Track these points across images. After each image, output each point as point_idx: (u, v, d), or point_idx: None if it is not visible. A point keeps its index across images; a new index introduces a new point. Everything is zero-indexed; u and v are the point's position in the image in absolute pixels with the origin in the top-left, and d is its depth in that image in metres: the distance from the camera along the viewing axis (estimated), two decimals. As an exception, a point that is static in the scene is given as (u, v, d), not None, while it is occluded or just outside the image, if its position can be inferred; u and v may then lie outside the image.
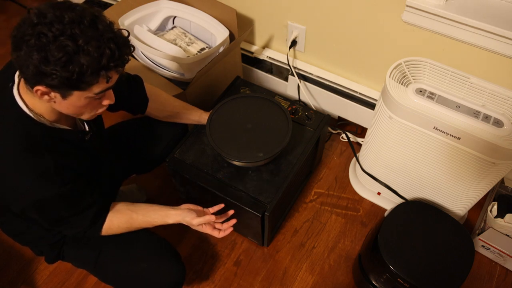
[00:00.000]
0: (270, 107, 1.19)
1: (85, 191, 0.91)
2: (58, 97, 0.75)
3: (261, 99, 1.22)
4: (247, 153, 1.10)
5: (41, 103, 0.80)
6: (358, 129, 1.68)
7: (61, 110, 0.81)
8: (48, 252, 1.09)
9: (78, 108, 0.80)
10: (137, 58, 1.45)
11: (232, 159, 1.11)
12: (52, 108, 0.81)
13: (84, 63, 0.69)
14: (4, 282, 1.32)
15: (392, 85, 1.08)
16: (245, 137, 1.13)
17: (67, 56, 0.67)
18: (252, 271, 1.34)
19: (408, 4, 1.10)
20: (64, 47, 0.67)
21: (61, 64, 0.68)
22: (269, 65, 1.65)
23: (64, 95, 0.75)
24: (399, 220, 1.12)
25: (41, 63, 0.67)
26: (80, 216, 0.92)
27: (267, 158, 1.11)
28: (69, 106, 0.78)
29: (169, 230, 1.43)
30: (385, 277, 1.07)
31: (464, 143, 1.02)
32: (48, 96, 0.75)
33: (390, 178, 1.32)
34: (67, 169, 0.85)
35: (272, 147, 1.11)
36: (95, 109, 0.84)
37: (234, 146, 1.11)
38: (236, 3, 1.50)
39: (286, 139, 1.12)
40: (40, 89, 0.72)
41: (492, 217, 1.21)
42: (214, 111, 1.18)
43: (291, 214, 1.46)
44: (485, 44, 1.06)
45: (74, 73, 0.69)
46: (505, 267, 1.31)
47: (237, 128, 1.15)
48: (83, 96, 0.76)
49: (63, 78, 0.69)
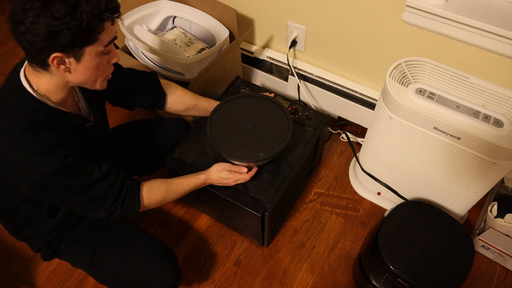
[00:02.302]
0: (270, 107, 1.19)
1: (92, 164, 0.90)
2: (73, 62, 0.78)
3: (261, 98, 1.22)
4: (248, 152, 1.10)
5: (49, 82, 0.82)
6: (358, 129, 1.68)
7: (76, 80, 0.83)
8: (45, 249, 1.09)
9: (93, 71, 0.83)
10: (137, 58, 1.45)
11: (233, 158, 1.11)
12: (61, 87, 0.84)
13: (87, 9, 0.72)
14: (4, 282, 1.32)
15: (392, 85, 1.08)
16: (246, 137, 1.13)
17: (71, 7, 0.71)
18: (252, 271, 1.34)
19: (408, 4, 1.10)
20: (65, 0, 0.70)
21: (69, 15, 0.71)
22: (269, 65, 1.65)
23: (77, 57, 0.78)
24: (399, 220, 1.12)
25: (51, 21, 0.70)
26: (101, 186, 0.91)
27: (268, 158, 1.11)
28: (85, 70, 0.81)
29: (169, 230, 1.44)
30: (385, 277, 1.07)
31: (464, 143, 1.02)
32: (63, 64, 0.78)
33: (390, 178, 1.32)
34: (69, 145, 0.86)
35: (273, 147, 1.11)
36: (106, 71, 0.87)
37: (234, 146, 1.11)
38: (236, 3, 1.50)
39: (286, 138, 1.12)
40: (56, 55, 0.74)
41: (492, 217, 1.21)
42: (214, 110, 1.18)
43: (291, 214, 1.46)
44: (485, 44, 1.06)
45: (83, 21, 0.72)
46: (505, 267, 1.31)
47: (238, 127, 1.15)
48: (94, 52, 0.79)
49: (75, 29, 0.72)
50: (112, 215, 0.95)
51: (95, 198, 0.91)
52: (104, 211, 0.94)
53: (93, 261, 1.07)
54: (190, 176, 1.11)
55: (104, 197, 0.92)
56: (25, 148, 0.80)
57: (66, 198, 0.88)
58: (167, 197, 1.05)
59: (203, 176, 1.11)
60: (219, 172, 1.11)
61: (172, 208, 1.49)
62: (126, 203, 0.96)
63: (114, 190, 0.93)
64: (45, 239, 1.07)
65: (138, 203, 0.99)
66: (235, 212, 1.21)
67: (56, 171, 0.82)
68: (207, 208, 1.42)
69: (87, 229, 1.10)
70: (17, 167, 0.81)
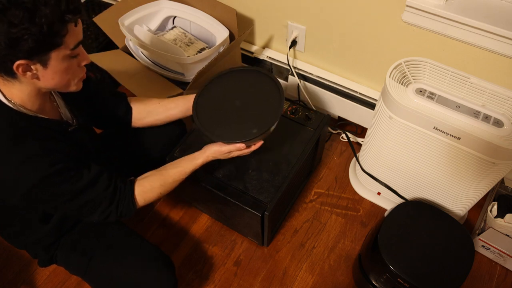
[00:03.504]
0: (258, 79, 1.10)
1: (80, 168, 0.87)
2: (39, 69, 0.75)
3: (245, 72, 1.13)
4: (241, 131, 1.03)
5: (21, 91, 0.79)
6: (358, 129, 1.68)
7: (47, 86, 0.80)
8: (42, 254, 1.08)
9: (62, 75, 0.79)
10: (137, 58, 1.45)
11: (225, 140, 1.04)
12: (33, 94, 0.81)
13: (47, 12, 0.68)
14: (4, 282, 1.32)
15: (392, 85, 1.08)
16: (236, 115, 1.05)
17: (28, 11, 0.66)
18: (252, 271, 1.34)
19: (408, 4, 1.10)
20: (21, 4, 0.66)
21: (27, 20, 0.66)
22: (269, 65, 1.65)
23: (43, 63, 0.74)
24: (399, 220, 1.12)
25: (9, 28, 0.66)
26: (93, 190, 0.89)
27: (262, 134, 1.02)
28: (53, 75, 0.77)
29: (169, 231, 1.44)
30: (385, 277, 1.07)
31: (464, 143, 1.02)
32: (30, 71, 0.74)
33: (390, 178, 1.32)
34: (54, 152, 0.83)
35: (266, 121, 1.02)
36: (77, 74, 0.84)
37: (225, 127, 1.04)
38: (236, 3, 1.50)
39: (279, 110, 1.03)
40: (20, 63, 0.71)
41: (492, 217, 1.21)
42: (198, 94, 1.10)
43: (291, 214, 1.46)
44: (485, 44, 1.06)
45: (43, 25, 0.68)
46: (505, 267, 1.31)
47: (225, 107, 1.07)
48: (61, 55, 0.75)
49: (36, 34, 0.68)
50: (108, 218, 0.94)
51: (88, 202, 0.90)
52: (99, 215, 0.93)
53: (89, 269, 1.05)
54: (184, 161, 1.05)
55: (98, 200, 0.91)
56: (10, 161, 0.78)
57: (59, 204, 0.87)
58: (164, 191, 1.02)
59: (199, 160, 1.05)
60: (217, 147, 1.05)
61: (172, 208, 1.49)
62: (121, 206, 0.95)
63: (108, 194, 0.92)
64: (42, 245, 1.06)
65: (134, 205, 0.97)
66: (235, 211, 1.21)
67: (44, 180, 0.80)
68: (207, 208, 1.42)
69: (82, 235, 1.09)
70: (4, 181, 0.80)
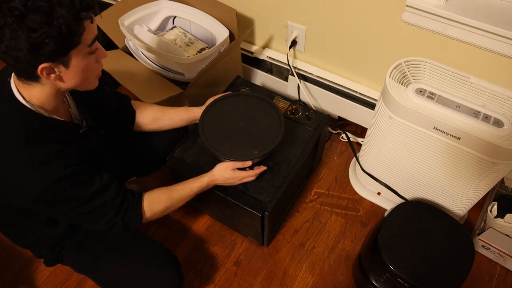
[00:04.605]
0: (260, 105, 1.19)
1: (92, 173, 0.89)
2: (62, 69, 0.77)
3: (251, 97, 1.21)
4: (242, 151, 1.09)
5: (40, 92, 0.80)
6: (358, 129, 1.68)
7: (68, 86, 0.81)
8: (48, 254, 1.08)
9: (83, 73, 0.81)
10: (137, 58, 1.45)
11: (228, 158, 1.10)
12: (51, 95, 0.82)
13: (63, 13, 0.69)
14: (4, 282, 1.32)
15: (392, 85, 1.08)
16: (239, 136, 1.13)
17: (46, 15, 0.68)
18: (252, 271, 1.34)
19: (408, 4, 1.10)
20: (38, 9, 0.67)
21: (46, 24, 0.68)
22: (269, 65, 1.65)
23: (65, 64, 0.76)
24: (399, 220, 1.12)
25: (29, 34, 0.67)
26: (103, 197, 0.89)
27: (263, 155, 1.10)
28: (75, 74, 0.79)
29: (169, 230, 1.44)
30: (385, 277, 1.07)
31: (464, 143, 1.02)
32: (53, 73, 0.76)
33: (390, 178, 1.32)
34: (68, 155, 0.84)
35: (267, 144, 1.10)
36: (95, 70, 0.85)
37: (228, 145, 1.10)
38: (236, 3, 1.50)
39: (279, 135, 1.11)
40: (44, 66, 0.73)
41: (492, 217, 1.21)
42: (205, 111, 1.17)
43: (291, 214, 1.46)
44: (485, 44, 1.06)
45: (62, 26, 0.69)
46: (505, 267, 1.31)
47: (230, 127, 1.14)
48: (80, 54, 0.77)
49: (56, 37, 0.69)
50: (114, 228, 0.94)
51: (96, 209, 0.90)
52: (105, 224, 0.92)
53: (97, 268, 1.06)
54: (192, 180, 1.09)
55: (105, 209, 0.91)
56: (24, 161, 0.79)
57: (68, 210, 0.87)
58: (170, 205, 1.03)
59: (206, 179, 1.09)
60: (223, 171, 1.09)
61: (172, 208, 1.49)
62: (128, 216, 0.95)
63: (116, 203, 0.92)
64: (47, 245, 1.06)
65: (140, 216, 0.98)
66: (235, 211, 1.21)
67: (57, 182, 0.81)
68: (207, 207, 1.42)
69: (89, 234, 1.09)
70: (17, 181, 0.80)
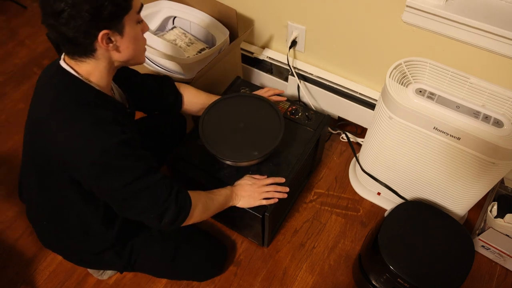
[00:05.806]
0: (260, 106, 1.19)
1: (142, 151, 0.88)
2: (118, 39, 0.80)
3: (251, 98, 1.22)
4: (242, 152, 1.10)
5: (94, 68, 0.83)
6: (358, 129, 1.68)
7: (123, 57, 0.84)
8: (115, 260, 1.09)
9: (135, 43, 0.84)
10: (137, 58, 1.45)
11: (228, 159, 1.10)
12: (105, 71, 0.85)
13: None
14: (4, 282, 1.32)
15: (392, 85, 1.08)
16: (239, 137, 1.13)
17: None
18: (252, 271, 1.34)
19: (408, 4, 1.10)
20: None
21: None
22: (269, 65, 1.65)
23: (120, 31, 0.80)
24: (399, 220, 1.12)
25: None
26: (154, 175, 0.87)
27: (263, 156, 1.11)
28: (128, 43, 0.83)
29: (169, 230, 1.44)
30: (385, 277, 1.07)
31: (464, 143, 1.03)
32: (111, 43, 0.79)
33: (390, 178, 1.33)
34: (122, 124, 0.85)
35: (267, 145, 1.11)
36: (143, 41, 0.89)
37: (228, 146, 1.11)
38: (236, 3, 1.50)
39: (280, 136, 1.12)
40: (104, 33, 0.76)
41: (492, 217, 1.21)
42: (205, 112, 1.17)
43: (291, 214, 1.46)
44: (485, 44, 1.06)
45: None
46: (505, 267, 1.31)
47: (230, 128, 1.15)
48: (132, 21, 0.81)
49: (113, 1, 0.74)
50: (166, 213, 0.89)
51: (150, 187, 0.86)
52: (159, 207, 0.88)
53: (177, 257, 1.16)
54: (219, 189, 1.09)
55: (159, 186, 0.87)
56: (82, 122, 0.79)
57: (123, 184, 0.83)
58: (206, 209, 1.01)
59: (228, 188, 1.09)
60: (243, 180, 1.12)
61: (172, 208, 1.49)
62: (179, 200, 0.91)
63: (167, 183, 0.89)
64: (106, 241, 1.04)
65: (190, 201, 0.94)
66: (236, 212, 1.21)
67: (114, 146, 0.80)
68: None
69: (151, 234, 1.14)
70: (76, 142, 0.78)
